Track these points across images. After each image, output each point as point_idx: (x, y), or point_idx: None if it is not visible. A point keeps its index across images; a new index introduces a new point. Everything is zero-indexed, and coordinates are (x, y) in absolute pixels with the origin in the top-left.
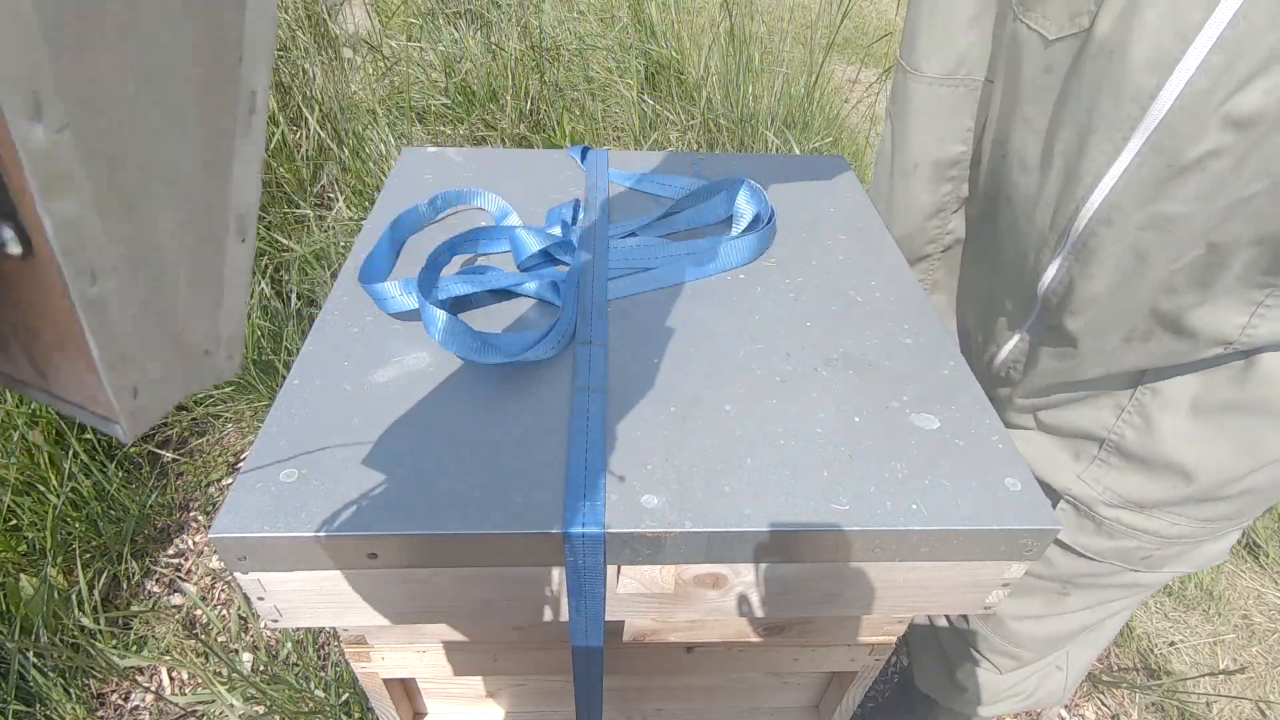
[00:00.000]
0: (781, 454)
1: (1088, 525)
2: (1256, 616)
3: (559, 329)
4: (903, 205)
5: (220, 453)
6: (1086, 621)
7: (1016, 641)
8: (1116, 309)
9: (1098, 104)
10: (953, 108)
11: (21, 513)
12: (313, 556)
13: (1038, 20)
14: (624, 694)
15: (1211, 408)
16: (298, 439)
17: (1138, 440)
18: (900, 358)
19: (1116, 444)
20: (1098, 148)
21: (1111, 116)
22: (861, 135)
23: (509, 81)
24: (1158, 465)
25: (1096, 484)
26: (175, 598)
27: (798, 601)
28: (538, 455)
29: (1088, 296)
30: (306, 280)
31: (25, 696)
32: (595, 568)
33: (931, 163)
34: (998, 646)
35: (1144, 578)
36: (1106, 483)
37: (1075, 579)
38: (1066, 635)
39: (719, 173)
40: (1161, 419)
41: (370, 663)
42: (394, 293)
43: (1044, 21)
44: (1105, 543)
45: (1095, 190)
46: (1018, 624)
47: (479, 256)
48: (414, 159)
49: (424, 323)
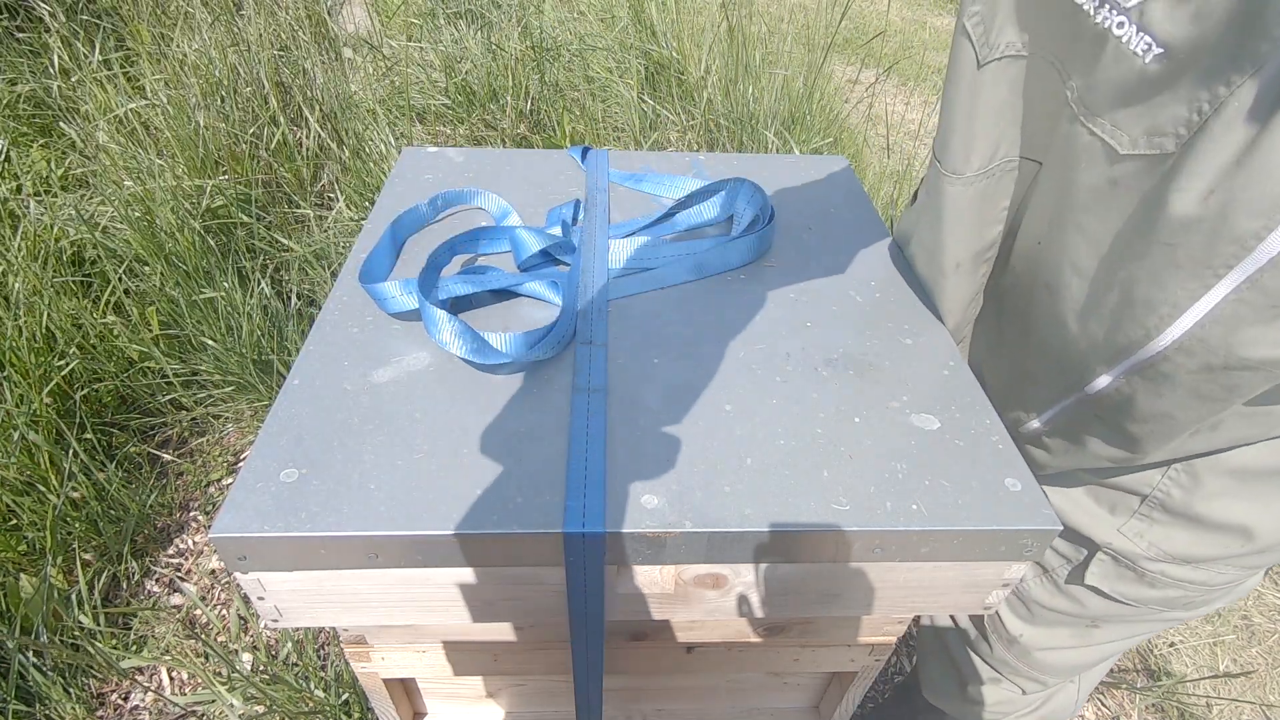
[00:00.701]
0: (781, 454)
1: (1128, 575)
2: (1257, 618)
3: (559, 329)
4: (950, 301)
5: (220, 453)
6: (1114, 651)
7: (1042, 670)
8: (1188, 421)
9: (1184, 240)
10: (990, 196)
11: (21, 513)
12: (313, 556)
13: (1106, 129)
14: (624, 694)
15: (1264, 471)
16: (298, 439)
17: (1184, 499)
18: (900, 358)
19: (1161, 501)
20: (1181, 283)
21: (1203, 254)
22: (861, 135)
23: (509, 81)
24: (1208, 524)
25: (1140, 539)
26: (175, 598)
27: (798, 602)
28: (538, 455)
29: (1155, 412)
30: (306, 280)
31: (25, 696)
32: (595, 568)
33: (972, 255)
34: (1021, 671)
35: (1180, 614)
36: (1151, 538)
37: (1108, 618)
38: (1093, 663)
39: (719, 173)
40: (1210, 480)
41: (370, 663)
42: (394, 293)
43: (1115, 132)
44: (1148, 591)
45: (1175, 323)
46: (1044, 654)
47: (479, 256)
48: (414, 159)
49: (424, 323)
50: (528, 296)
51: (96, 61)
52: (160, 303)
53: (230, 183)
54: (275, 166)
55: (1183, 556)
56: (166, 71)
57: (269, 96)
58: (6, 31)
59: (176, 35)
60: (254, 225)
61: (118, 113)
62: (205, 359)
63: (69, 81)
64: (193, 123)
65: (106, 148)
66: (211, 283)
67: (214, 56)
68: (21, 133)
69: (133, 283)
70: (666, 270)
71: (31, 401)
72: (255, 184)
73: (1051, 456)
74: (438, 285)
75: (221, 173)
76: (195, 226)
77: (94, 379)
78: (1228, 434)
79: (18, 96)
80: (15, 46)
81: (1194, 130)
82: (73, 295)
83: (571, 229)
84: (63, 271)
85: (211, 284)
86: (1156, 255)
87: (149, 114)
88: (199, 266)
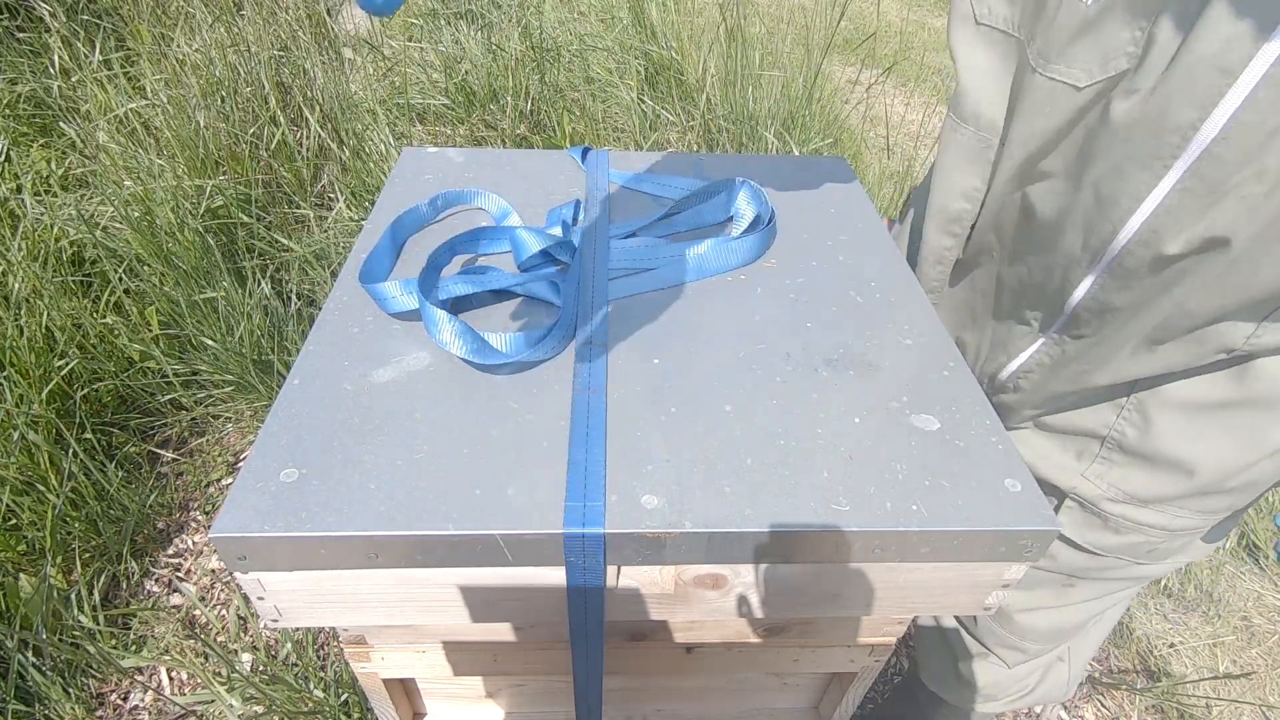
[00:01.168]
0: (781, 454)
1: (1094, 522)
2: (1256, 618)
3: (559, 329)
4: (927, 248)
5: (220, 453)
6: (1093, 612)
7: (1022, 634)
8: (1138, 322)
9: (1133, 135)
10: (970, 158)
11: (21, 512)
12: (313, 556)
13: (1062, 71)
14: (624, 694)
15: (1210, 405)
16: (298, 439)
17: (1138, 437)
18: (900, 358)
19: (1118, 441)
20: (1136, 176)
21: (1152, 146)
22: (861, 136)
23: (509, 82)
24: (1160, 461)
25: (1101, 481)
26: (175, 598)
27: (797, 602)
28: (538, 455)
29: (1114, 309)
30: (306, 280)
31: (25, 696)
32: (595, 568)
33: (941, 208)
34: (1004, 640)
35: (1149, 569)
36: (1110, 479)
37: (1081, 573)
38: (1073, 627)
39: (719, 173)
40: (1160, 416)
41: (370, 663)
42: (394, 293)
43: (1070, 71)
44: (1112, 538)
45: (1134, 215)
46: (1024, 616)
47: (479, 256)
48: (414, 159)
49: (424, 323)
50: (527, 296)
51: (97, 61)
52: (160, 303)
53: (230, 183)
54: (275, 167)
55: (1139, 496)
56: (166, 71)
57: (269, 97)
58: (6, 31)
59: (177, 35)
60: (254, 225)
61: (118, 112)
62: (205, 359)
63: (69, 81)
64: (193, 123)
65: (106, 148)
66: (211, 283)
67: (214, 56)
68: (21, 133)
69: (133, 283)
70: (666, 270)
71: (31, 401)
72: (255, 184)
73: (1023, 395)
74: (438, 285)
75: (221, 173)
76: (195, 226)
77: (94, 379)
78: (1164, 358)
79: (18, 96)
80: (15, 46)
81: (1141, 46)
82: (73, 295)
83: (571, 229)
84: (63, 271)
85: (211, 284)
86: (1117, 151)
87: (149, 114)
88: (199, 266)
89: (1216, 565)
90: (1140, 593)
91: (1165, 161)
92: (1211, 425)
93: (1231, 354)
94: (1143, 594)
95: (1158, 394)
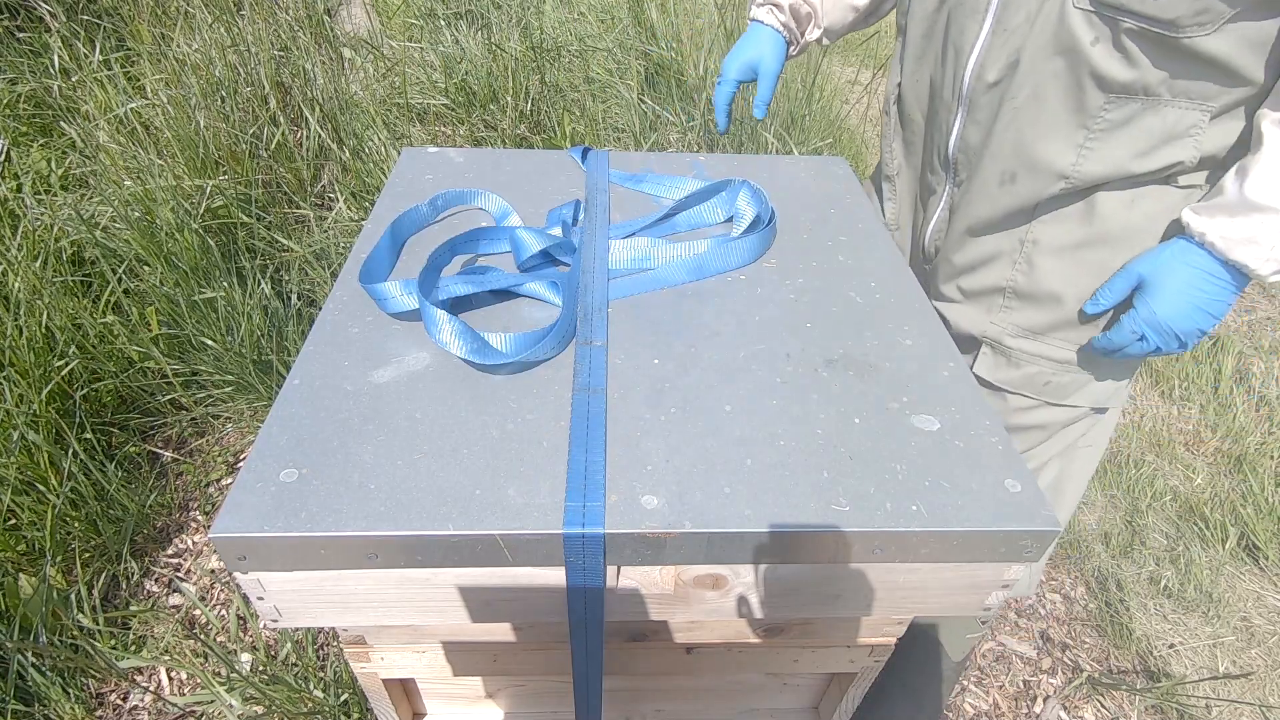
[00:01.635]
0: (781, 454)
1: (1001, 361)
2: (1256, 619)
3: (559, 329)
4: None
5: (220, 453)
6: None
7: None
8: (991, 158)
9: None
10: (895, 59)
11: (21, 512)
12: (312, 556)
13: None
14: (624, 694)
15: (1071, 245)
16: (298, 439)
17: (1026, 282)
18: (900, 359)
19: (1014, 289)
20: (970, 27)
21: (974, 3)
22: (860, 136)
23: (509, 82)
24: (1041, 297)
25: (1004, 322)
26: (174, 598)
27: (797, 602)
28: (537, 455)
29: (975, 143)
30: (306, 280)
31: (24, 696)
32: (595, 568)
33: (884, 96)
34: None
35: (1055, 413)
36: (1010, 320)
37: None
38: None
39: (719, 174)
40: (1041, 261)
41: (369, 663)
42: (395, 293)
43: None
44: (1015, 373)
45: (971, 56)
46: None
47: (479, 257)
48: (414, 159)
49: (424, 323)
50: (528, 297)
51: (97, 61)
52: (160, 303)
53: (230, 183)
54: (275, 167)
55: (1030, 328)
56: (167, 71)
57: (269, 97)
58: (7, 31)
59: (177, 35)
60: (254, 225)
61: (118, 112)
62: (205, 359)
63: (69, 81)
64: (193, 123)
65: (106, 148)
66: (211, 283)
67: (214, 56)
68: (21, 132)
69: (132, 283)
70: (666, 270)
71: (31, 401)
72: (255, 184)
73: (939, 258)
74: (438, 285)
75: (221, 173)
76: (195, 226)
77: (94, 379)
78: (1019, 192)
79: (18, 96)
80: (15, 46)
81: None
82: (72, 295)
83: (571, 229)
84: (63, 271)
85: (211, 284)
86: (959, 12)
87: (149, 114)
88: (199, 266)
89: (1216, 565)
90: (1140, 592)
91: (982, 14)
92: (1073, 262)
93: (1069, 182)
94: (1142, 594)
95: (1039, 244)
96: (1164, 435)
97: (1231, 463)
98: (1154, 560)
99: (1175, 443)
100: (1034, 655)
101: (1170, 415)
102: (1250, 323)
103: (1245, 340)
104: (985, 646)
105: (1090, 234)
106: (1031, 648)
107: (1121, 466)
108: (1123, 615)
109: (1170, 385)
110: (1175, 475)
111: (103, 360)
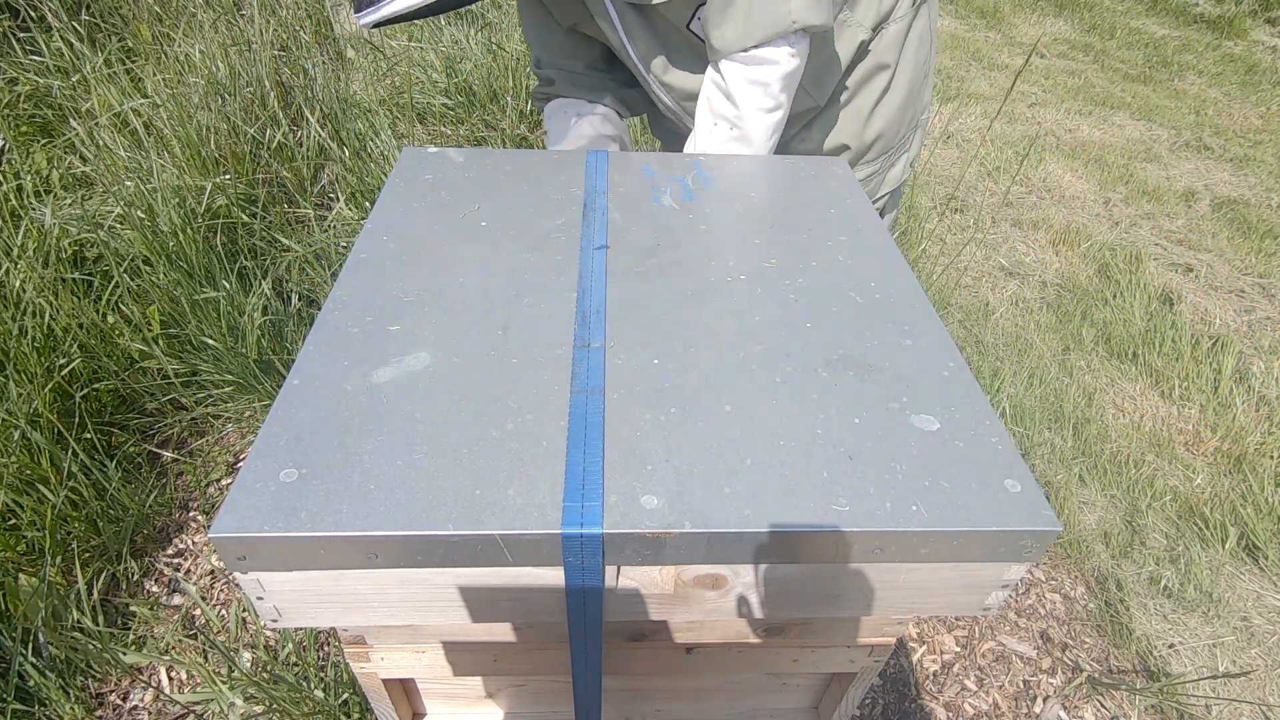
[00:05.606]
0: (781, 455)
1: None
2: (1256, 619)
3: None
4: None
5: (220, 453)
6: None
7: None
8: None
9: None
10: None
11: (21, 512)
12: (312, 556)
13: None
14: (624, 694)
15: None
16: (298, 439)
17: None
18: (900, 359)
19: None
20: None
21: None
22: None
23: (509, 82)
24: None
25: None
26: (175, 597)
27: (797, 602)
28: (537, 456)
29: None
30: (306, 280)
31: (24, 696)
32: (595, 568)
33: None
34: None
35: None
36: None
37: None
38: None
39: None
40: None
41: (370, 663)
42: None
43: None
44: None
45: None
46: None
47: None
48: (414, 159)
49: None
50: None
51: (99, 62)
52: (161, 302)
53: (231, 182)
54: (275, 166)
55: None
56: (168, 71)
57: (269, 97)
58: (7, 31)
59: (178, 35)
60: (254, 225)
61: (119, 111)
62: (206, 359)
63: (69, 81)
64: (194, 122)
65: (108, 147)
66: (212, 282)
67: (215, 56)
68: (22, 132)
69: (134, 282)
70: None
71: (32, 400)
72: (256, 184)
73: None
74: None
75: (223, 172)
76: (197, 226)
77: (94, 378)
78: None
79: (18, 96)
80: (16, 46)
81: None
82: (74, 294)
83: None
84: (64, 270)
85: (212, 284)
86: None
87: (150, 114)
88: (200, 266)
89: (1216, 565)
90: (1140, 592)
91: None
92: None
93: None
94: (1142, 594)
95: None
96: (1164, 435)
97: (1231, 463)
98: (1154, 560)
99: (1175, 443)
100: (1034, 655)
101: (1170, 415)
102: (1250, 323)
103: (1245, 340)
104: (985, 646)
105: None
106: (1031, 647)
107: (1121, 466)
108: (1123, 615)
109: (1170, 385)
110: (1175, 475)
111: (104, 360)
